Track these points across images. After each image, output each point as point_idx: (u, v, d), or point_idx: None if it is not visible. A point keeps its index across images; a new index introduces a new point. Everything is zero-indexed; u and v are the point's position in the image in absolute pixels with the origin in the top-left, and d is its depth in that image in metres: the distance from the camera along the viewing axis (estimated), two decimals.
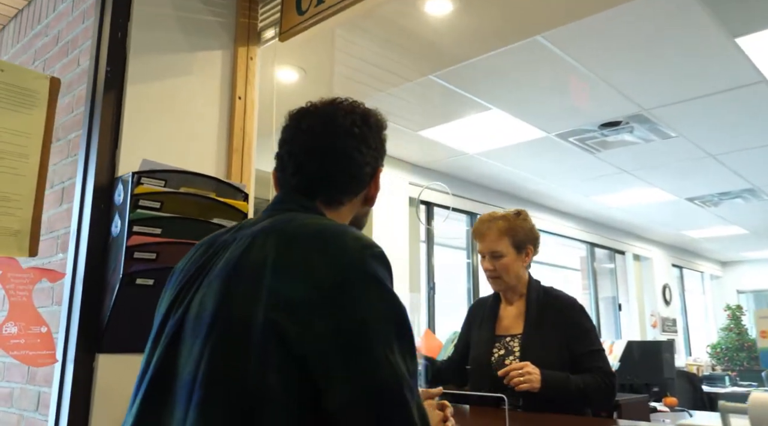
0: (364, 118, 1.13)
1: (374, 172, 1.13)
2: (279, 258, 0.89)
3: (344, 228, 0.97)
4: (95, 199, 1.70)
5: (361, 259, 0.90)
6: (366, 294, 0.87)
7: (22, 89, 1.63)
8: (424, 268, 5.71)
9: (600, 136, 4.79)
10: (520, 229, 2.09)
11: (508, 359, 2.00)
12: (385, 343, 0.85)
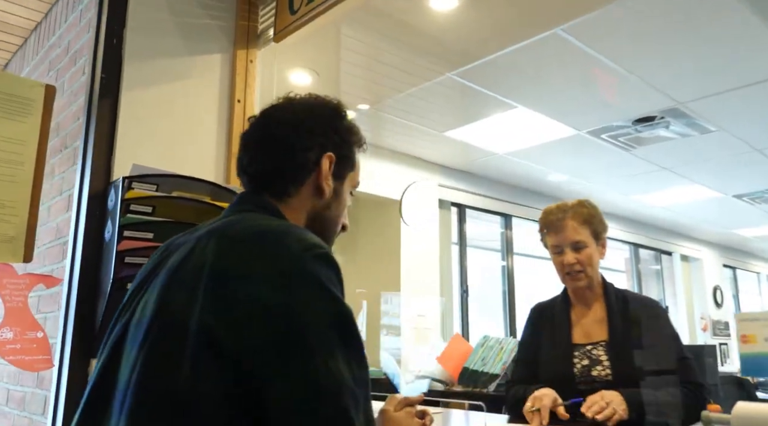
0: (306, 106, 1.11)
1: (318, 159, 1.07)
2: (217, 262, 0.86)
3: (288, 229, 0.92)
4: (90, 205, 1.71)
5: (301, 260, 0.85)
6: (304, 297, 0.82)
7: (17, 97, 1.65)
8: (456, 271, 5.61)
9: (634, 133, 4.61)
10: (596, 217, 1.90)
11: (595, 369, 1.77)
12: (326, 350, 0.81)
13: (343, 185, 1.13)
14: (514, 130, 4.55)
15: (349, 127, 1.14)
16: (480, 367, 4.26)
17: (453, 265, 5.54)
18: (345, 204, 1.15)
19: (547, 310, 1.98)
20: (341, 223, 1.15)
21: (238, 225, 0.93)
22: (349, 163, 1.14)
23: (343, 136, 1.12)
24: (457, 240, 5.71)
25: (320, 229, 1.08)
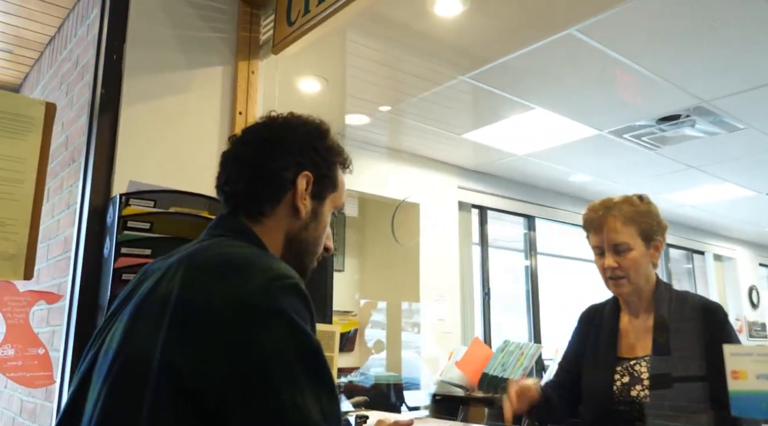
0: (284, 124, 1.08)
1: (295, 178, 1.04)
2: (181, 293, 0.84)
3: (256, 258, 0.89)
4: (90, 222, 1.72)
5: (267, 291, 0.82)
6: (269, 331, 0.79)
7: (17, 116, 1.67)
8: (478, 273, 5.55)
9: (658, 132, 4.49)
10: (648, 215, 1.68)
11: (635, 389, 1.58)
12: (293, 385, 0.78)
13: (323, 206, 1.09)
14: (533, 132, 4.47)
15: (330, 147, 1.11)
16: (500, 372, 4.19)
17: (474, 267, 5.47)
18: (325, 225, 1.11)
19: (596, 316, 1.79)
20: (322, 244, 1.11)
21: (207, 253, 0.91)
22: (330, 184, 1.10)
23: (323, 155, 1.08)
24: (479, 241, 5.64)
25: (298, 251, 1.06)
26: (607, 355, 1.67)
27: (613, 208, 1.68)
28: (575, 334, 1.84)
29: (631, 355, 1.64)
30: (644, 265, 1.65)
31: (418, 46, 2.95)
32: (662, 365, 1.56)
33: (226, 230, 1.01)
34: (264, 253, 0.96)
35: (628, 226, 1.65)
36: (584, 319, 1.83)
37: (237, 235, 0.99)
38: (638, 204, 1.70)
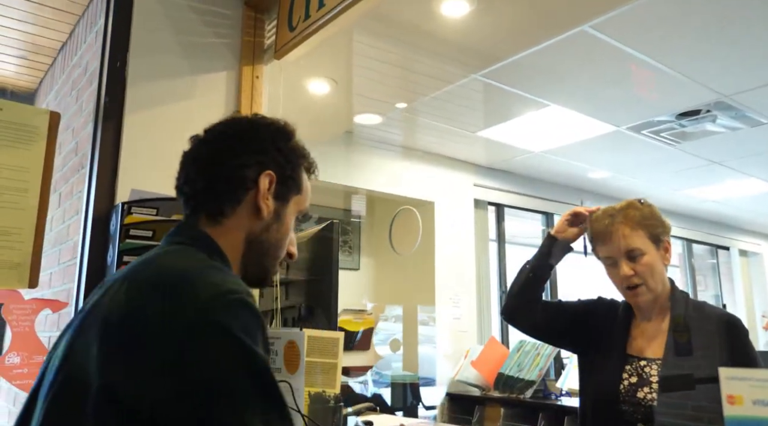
0: (247, 122, 1.06)
1: (257, 176, 1.00)
2: (122, 311, 0.80)
3: (202, 273, 0.84)
4: (94, 230, 1.73)
5: (210, 309, 0.77)
6: (212, 349, 0.75)
7: (22, 125, 1.68)
8: (495, 272, 5.50)
9: (678, 127, 4.39)
10: (653, 217, 1.63)
11: (642, 391, 1.55)
12: (241, 406, 0.74)
13: (286, 208, 1.05)
14: (548, 128, 4.41)
15: (294, 148, 1.07)
16: (516, 373, 4.16)
17: (491, 265, 5.43)
18: (288, 228, 1.07)
19: (612, 311, 1.73)
20: (284, 248, 1.07)
21: (151, 267, 0.88)
22: (294, 186, 1.06)
23: (287, 156, 1.05)
24: (496, 238, 5.59)
25: (259, 253, 1.03)
26: (616, 352, 1.63)
27: (618, 214, 1.63)
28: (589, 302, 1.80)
29: (641, 355, 1.60)
30: (659, 268, 1.61)
31: (427, 46, 2.92)
32: (675, 366, 1.52)
33: (183, 238, 0.98)
34: (212, 266, 0.90)
35: (637, 230, 1.60)
36: (603, 304, 1.77)
37: (194, 243, 0.96)
38: (641, 207, 1.65)
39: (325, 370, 1.75)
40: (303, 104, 3.39)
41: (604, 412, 1.58)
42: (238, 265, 1.02)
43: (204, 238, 0.97)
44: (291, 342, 1.64)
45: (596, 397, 1.64)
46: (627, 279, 1.59)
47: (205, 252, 0.94)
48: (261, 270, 1.05)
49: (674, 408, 1.48)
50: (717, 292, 8.28)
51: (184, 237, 0.98)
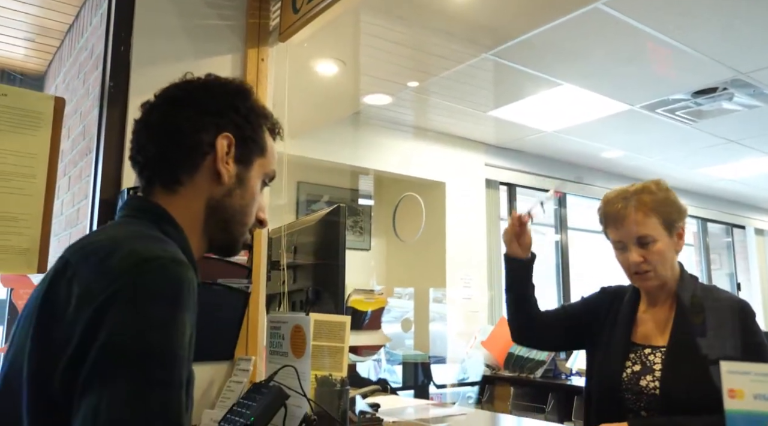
0: (200, 84, 0.99)
1: (213, 140, 0.94)
2: (47, 292, 0.79)
3: (124, 242, 0.80)
4: (101, 214, 1.74)
5: (124, 277, 0.74)
6: (114, 320, 0.71)
7: (27, 111, 1.68)
8: None
9: (694, 106, 4.32)
10: (668, 202, 1.57)
11: (645, 379, 1.53)
12: (112, 383, 0.69)
13: (250, 171, 0.99)
14: (561, 108, 4.36)
15: (253, 107, 1.00)
16: (526, 353, 4.17)
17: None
18: (254, 193, 1.00)
19: (617, 298, 1.70)
20: (251, 214, 1.01)
21: (84, 241, 0.85)
22: (255, 147, 0.99)
23: (246, 116, 0.98)
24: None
25: (224, 219, 0.97)
26: (620, 341, 1.60)
27: (631, 198, 1.56)
28: (592, 298, 1.76)
29: (646, 342, 1.58)
30: (670, 256, 1.56)
31: (436, 24, 2.87)
32: (680, 354, 1.50)
33: (129, 210, 0.94)
34: (142, 236, 0.85)
35: (650, 216, 1.54)
36: (608, 295, 1.73)
37: (142, 215, 0.92)
38: (656, 191, 1.57)
39: (332, 354, 1.76)
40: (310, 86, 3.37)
41: (607, 400, 1.56)
42: (198, 234, 0.96)
43: (151, 209, 0.92)
44: (297, 326, 1.65)
45: (600, 385, 1.62)
46: (636, 265, 1.55)
47: (150, 222, 0.90)
48: (227, 237, 1.00)
49: (676, 396, 1.46)
50: (731, 270, 8.22)
51: (130, 209, 0.94)
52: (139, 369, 0.70)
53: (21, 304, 1.66)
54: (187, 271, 0.78)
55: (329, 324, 1.77)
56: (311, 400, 1.48)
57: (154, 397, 0.70)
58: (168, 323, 0.73)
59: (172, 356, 0.72)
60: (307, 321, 1.61)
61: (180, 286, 0.76)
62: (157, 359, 0.71)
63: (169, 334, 0.73)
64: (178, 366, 0.73)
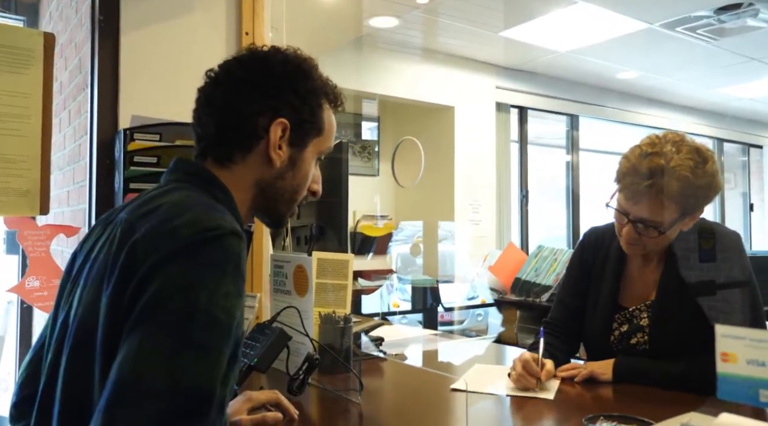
0: (262, 62, 0.97)
1: (268, 125, 0.95)
2: (117, 255, 0.79)
3: (186, 209, 0.81)
4: (99, 154, 1.72)
5: (185, 245, 0.76)
6: (174, 272, 0.74)
7: (16, 49, 1.62)
8: (516, 176, 5.44)
9: (716, 23, 4.12)
10: (701, 189, 1.39)
11: (635, 337, 1.51)
12: (153, 336, 0.71)
13: (304, 153, 1.00)
14: (576, 27, 4.18)
15: (313, 89, 0.99)
16: (532, 278, 4.21)
17: (513, 170, 5.36)
18: (307, 172, 1.02)
19: (601, 249, 1.61)
20: (303, 191, 1.03)
21: (146, 206, 0.85)
22: (312, 129, 1.00)
23: (305, 98, 0.98)
24: (518, 142, 5.48)
25: (273, 198, 1.00)
26: (606, 302, 1.56)
27: (661, 176, 1.36)
28: (576, 261, 1.67)
29: (634, 302, 1.54)
30: (669, 238, 1.45)
31: None
32: (668, 308, 1.47)
33: (180, 174, 0.95)
34: (203, 202, 0.86)
35: (669, 206, 1.38)
36: (588, 248, 1.65)
37: (192, 179, 0.93)
38: (693, 178, 1.37)
39: (335, 291, 1.78)
40: (309, 12, 3.22)
41: (598, 357, 1.55)
42: (247, 206, 0.99)
43: (202, 174, 0.94)
44: (300, 266, 1.66)
45: (591, 346, 1.62)
46: (628, 238, 1.46)
47: (201, 188, 0.91)
48: (274, 213, 1.03)
49: (666, 351, 1.46)
50: (745, 189, 8.15)
51: (180, 173, 0.95)
52: (179, 325, 0.72)
53: (26, 245, 1.67)
54: (241, 244, 0.80)
55: (333, 262, 1.78)
56: (314, 340, 1.51)
57: (187, 355, 0.71)
58: (216, 290, 0.75)
59: (214, 321, 0.73)
60: (308, 261, 1.62)
61: (234, 258, 0.78)
62: (199, 320, 0.72)
63: (216, 299, 0.74)
64: (220, 332, 0.74)
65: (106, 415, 0.67)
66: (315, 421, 1.30)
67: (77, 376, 0.79)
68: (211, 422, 0.72)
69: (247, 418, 1.16)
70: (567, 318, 1.64)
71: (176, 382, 0.69)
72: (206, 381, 0.71)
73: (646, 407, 1.27)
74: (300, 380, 1.37)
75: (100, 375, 0.76)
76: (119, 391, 0.68)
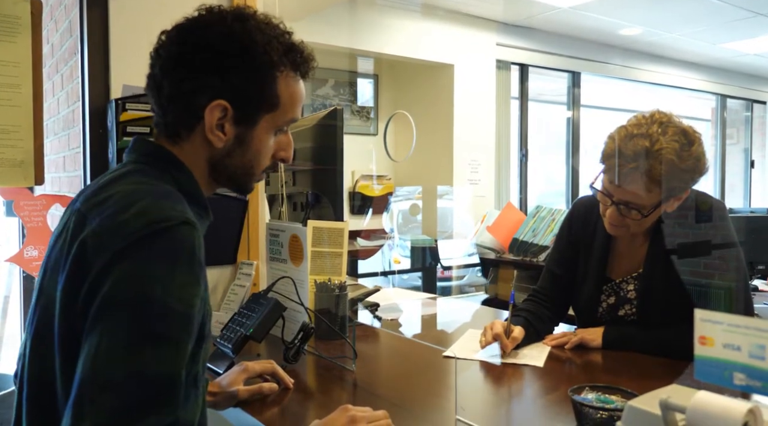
0: (202, 33, 0.90)
1: (206, 104, 0.89)
2: (69, 245, 0.81)
3: (137, 198, 0.80)
4: (93, 123, 1.71)
5: (134, 237, 0.75)
6: (128, 267, 0.74)
7: (3, 17, 1.60)
8: (516, 135, 5.41)
9: None
10: (684, 172, 1.39)
11: (623, 309, 1.55)
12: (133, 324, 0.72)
13: (253, 130, 0.94)
14: None
15: (262, 63, 0.91)
16: (530, 238, 4.24)
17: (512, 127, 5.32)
18: (260, 147, 0.96)
19: (590, 221, 1.61)
20: (261, 165, 0.99)
21: (98, 195, 0.85)
22: (262, 105, 0.93)
23: (250, 76, 0.91)
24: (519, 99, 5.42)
25: (226, 174, 0.97)
26: (595, 274, 1.58)
27: (646, 158, 1.36)
28: (564, 233, 1.68)
29: (622, 273, 1.56)
30: (651, 220, 1.45)
31: None
32: (654, 279, 1.49)
33: (138, 155, 0.93)
34: (154, 191, 0.85)
35: (654, 189, 1.38)
36: (576, 220, 1.66)
37: (149, 160, 0.92)
38: (678, 161, 1.37)
39: (331, 259, 1.80)
40: None
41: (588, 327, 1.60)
42: (206, 179, 0.97)
43: (160, 154, 0.93)
44: (294, 236, 1.67)
45: (580, 317, 1.66)
46: (609, 224, 1.48)
47: (159, 170, 0.91)
48: (234, 186, 1.01)
49: (653, 320, 1.49)
50: (747, 145, 8.10)
51: (138, 154, 0.94)
52: (136, 320, 0.73)
53: (23, 215, 1.69)
54: (194, 232, 0.80)
55: (329, 230, 1.79)
56: (309, 310, 1.54)
57: (147, 348, 0.72)
58: (170, 281, 0.75)
59: (171, 312, 0.75)
60: (303, 231, 1.63)
61: (187, 247, 0.78)
62: (155, 313, 0.74)
63: (170, 290, 0.75)
64: (178, 322, 0.75)
65: (75, 413, 0.69)
66: (310, 389, 1.34)
67: (41, 363, 0.82)
68: (184, 404, 0.74)
69: (244, 388, 1.20)
70: (555, 287, 1.67)
71: (138, 374, 0.71)
72: (168, 370, 0.73)
73: (632, 377, 1.31)
74: (295, 348, 1.40)
75: (60, 362, 0.79)
76: (84, 388, 0.70)
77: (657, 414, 0.78)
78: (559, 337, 1.57)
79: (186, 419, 0.74)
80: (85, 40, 1.73)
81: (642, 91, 6.54)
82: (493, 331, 1.47)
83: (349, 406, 1.00)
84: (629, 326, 1.54)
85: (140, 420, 0.70)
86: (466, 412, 1.11)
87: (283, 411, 1.19)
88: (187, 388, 0.76)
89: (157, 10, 1.82)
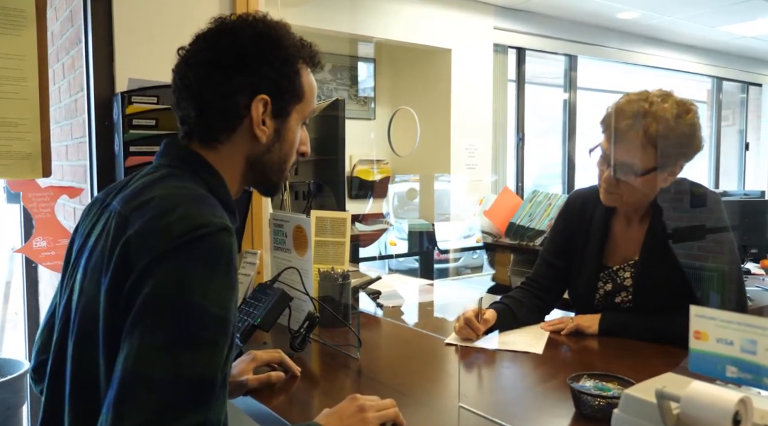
0: (230, 40, 0.95)
1: (249, 103, 0.95)
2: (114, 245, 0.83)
3: (177, 205, 0.83)
4: (98, 115, 1.73)
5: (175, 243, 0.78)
6: (169, 270, 0.77)
7: (8, 10, 1.61)
8: (512, 119, 5.42)
9: None
10: (682, 137, 1.43)
11: (619, 296, 1.58)
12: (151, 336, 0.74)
13: (288, 121, 1.00)
14: None
15: (287, 56, 0.97)
16: (527, 222, 4.28)
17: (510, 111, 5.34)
18: (293, 140, 1.03)
19: (587, 211, 1.65)
20: (292, 159, 1.05)
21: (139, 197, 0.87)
22: (293, 96, 1.00)
23: (280, 68, 0.97)
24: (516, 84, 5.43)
25: (263, 171, 1.02)
26: (591, 262, 1.61)
27: (638, 121, 1.41)
28: (560, 224, 1.73)
29: (618, 261, 1.60)
30: (645, 191, 1.50)
31: None
32: (651, 267, 1.53)
33: (171, 159, 0.96)
34: (195, 195, 0.87)
35: (648, 149, 1.42)
36: (573, 211, 1.69)
37: (181, 165, 0.95)
38: (675, 124, 1.42)
39: (334, 248, 1.83)
40: None
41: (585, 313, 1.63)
42: (238, 181, 1.01)
43: (192, 159, 0.96)
44: (298, 226, 1.70)
45: (577, 305, 1.69)
46: (606, 182, 1.52)
47: (192, 175, 0.93)
48: (268, 185, 1.06)
49: (649, 307, 1.53)
50: (742, 127, 8.13)
51: (170, 158, 0.97)
52: (175, 321, 0.76)
53: (31, 207, 1.71)
54: (231, 238, 0.83)
55: (331, 220, 1.82)
56: (314, 299, 1.57)
57: (186, 349, 0.75)
58: (209, 285, 0.78)
59: (209, 315, 0.77)
60: (307, 222, 1.66)
61: (225, 253, 0.81)
62: (194, 316, 0.76)
63: (209, 295, 0.78)
64: (215, 325, 0.78)
65: (115, 412, 0.72)
66: (316, 376, 1.38)
67: (85, 361, 0.85)
68: (214, 405, 0.77)
69: (253, 377, 1.24)
70: (548, 276, 1.71)
71: (177, 375, 0.73)
72: (205, 372, 0.76)
73: (629, 365, 1.35)
74: (301, 337, 1.44)
75: (104, 360, 0.81)
76: (124, 388, 0.73)
77: (653, 402, 0.83)
78: (556, 322, 1.62)
79: (214, 419, 0.77)
80: (89, 32, 1.74)
81: (638, 74, 6.55)
82: (464, 316, 1.52)
83: (358, 396, 1.04)
84: (625, 313, 1.58)
85: (175, 420, 0.72)
86: (468, 399, 1.15)
87: (291, 398, 1.23)
88: (219, 390, 0.79)
89: (160, 1, 1.83)
